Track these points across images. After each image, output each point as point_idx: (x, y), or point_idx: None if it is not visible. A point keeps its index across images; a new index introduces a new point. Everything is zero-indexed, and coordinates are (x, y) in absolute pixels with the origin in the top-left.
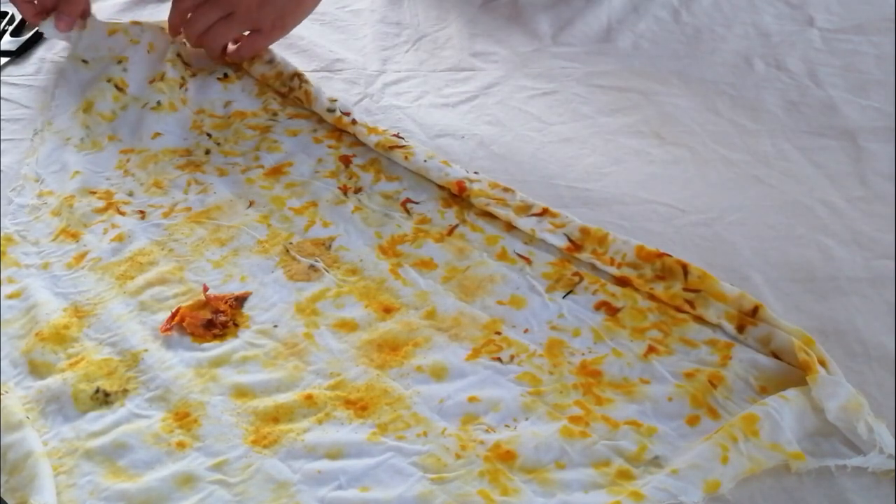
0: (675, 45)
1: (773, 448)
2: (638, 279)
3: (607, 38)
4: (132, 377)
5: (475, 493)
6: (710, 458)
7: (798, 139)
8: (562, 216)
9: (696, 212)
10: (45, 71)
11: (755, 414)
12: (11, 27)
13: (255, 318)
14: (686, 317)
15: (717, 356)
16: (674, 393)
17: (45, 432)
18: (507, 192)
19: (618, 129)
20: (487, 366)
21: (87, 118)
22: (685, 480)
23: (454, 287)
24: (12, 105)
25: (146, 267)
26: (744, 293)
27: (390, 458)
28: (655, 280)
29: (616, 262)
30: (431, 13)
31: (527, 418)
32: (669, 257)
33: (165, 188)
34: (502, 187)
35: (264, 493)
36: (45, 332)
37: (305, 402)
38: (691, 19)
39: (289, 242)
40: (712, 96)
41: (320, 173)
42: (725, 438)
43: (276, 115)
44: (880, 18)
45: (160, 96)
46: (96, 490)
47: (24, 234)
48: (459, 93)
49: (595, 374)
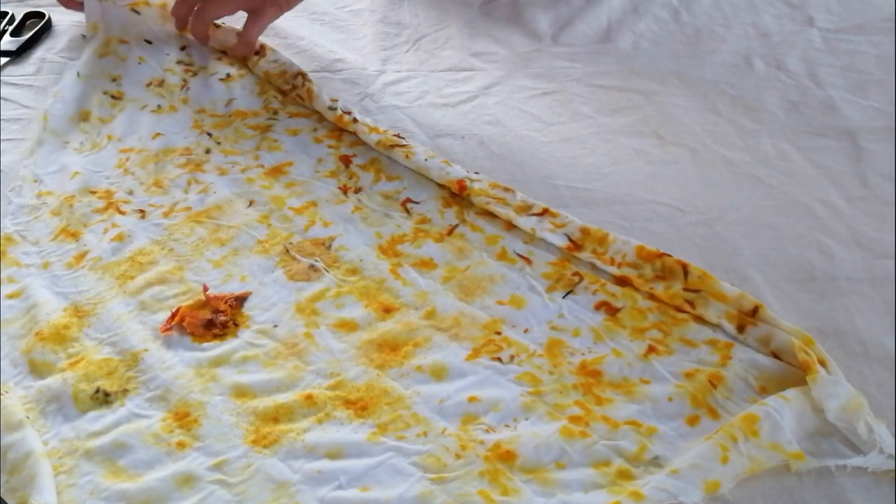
0: (675, 45)
1: (773, 448)
2: (638, 279)
3: (607, 38)
4: (132, 377)
5: (475, 493)
6: (710, 459)
7: (798, 139)
8: (562, 216)
9: (696, 212)
10: (45, 71)
11: (755, 414)
12: (11, 27)
13: (255, 317)
14: (686, 317)
15: (717, 356)
16: (674, 393)
17: (45, 432)
18: (508, 192)
19: (618, 129)
20: (487, 366)
21: (85, 125)
22: (685, 480)
23: (454, 287)
24: (12, 105)
25: (146, 266)
26: (743, 293)
27: (390, 458)
28: (655, 280)
29: (616, 261)
30: (431, 13)
31: (527, 418)
32: (669, 257)
33: (165, 187)
34: (503, 187)
35: (264, 492)
36: (45, 332)
37: (305, 402)
38: (691, 19)
39: (289, 242)
40: (712, 96)
41: (320, 173)
42: (725, 438)
43: (277, 115)
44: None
45: (160, 100)
46: (96, 490)
47: (24, 233)
48: (459, 93)
49: (595, 374)
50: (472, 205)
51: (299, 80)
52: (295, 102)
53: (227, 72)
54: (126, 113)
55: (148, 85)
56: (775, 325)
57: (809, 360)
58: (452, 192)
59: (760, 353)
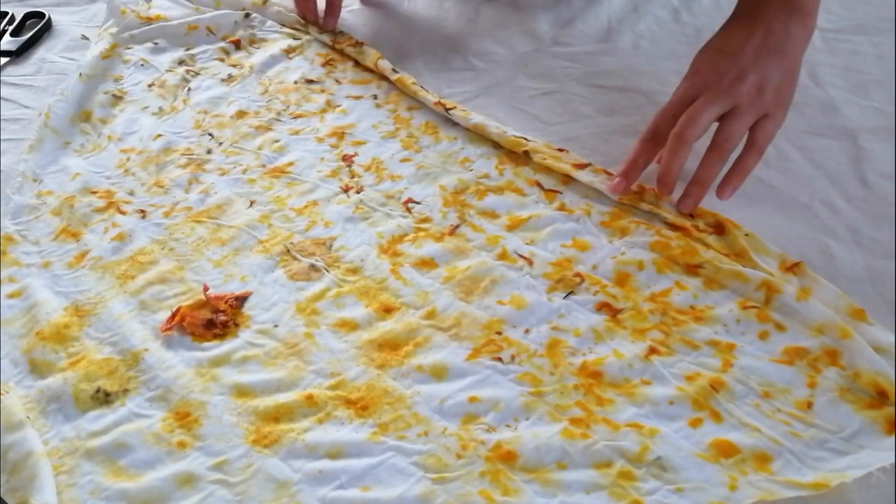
0: (675, 45)
1: (788, 483)
2: (692, 228)
3: (607, 38)
4: (133, 377)
5: (476, 493)
6: (718, 484)
7: (798, 139)
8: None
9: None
10: (45, 71)
11: (767, 454)
12: (11, 27)
13: (256, 317)
14: (687, 318)
15: (718, 358)
16: (675, 395)
17: (45, 432)
18: (563, 152)
19: (618, 129)
20: (488, 366)
21: (85, 126)
22: (688, 499)
23: (455, 287)
24: (12, 105)
25: (147, 266)
26: (784, 253)
27: (391, 457)
28: (709, 232)
29: (672, 212)
30: (431, 13)
31: (527, 418)
32: (722, 216)
33: (166, 187)
34: (556, 147)
35: (265, 492)
36: (45, 332)
37: (306, 401)
38: (691, 19)
39: (289, 242)
40: None
41: (322, 173)
42: (734, 470)
43: (279, 115)
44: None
45: (161, 101)
46: (97, 490)
47: (24, 233)
48: (459, 93)
49: (596, 375)
50: (472, 205)
51: (360, 46)
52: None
53: (229, 72)
54: (127, 113)
55: (150, 86)
56: (817, 280)
57: (857, 307)
58: (510, 152)
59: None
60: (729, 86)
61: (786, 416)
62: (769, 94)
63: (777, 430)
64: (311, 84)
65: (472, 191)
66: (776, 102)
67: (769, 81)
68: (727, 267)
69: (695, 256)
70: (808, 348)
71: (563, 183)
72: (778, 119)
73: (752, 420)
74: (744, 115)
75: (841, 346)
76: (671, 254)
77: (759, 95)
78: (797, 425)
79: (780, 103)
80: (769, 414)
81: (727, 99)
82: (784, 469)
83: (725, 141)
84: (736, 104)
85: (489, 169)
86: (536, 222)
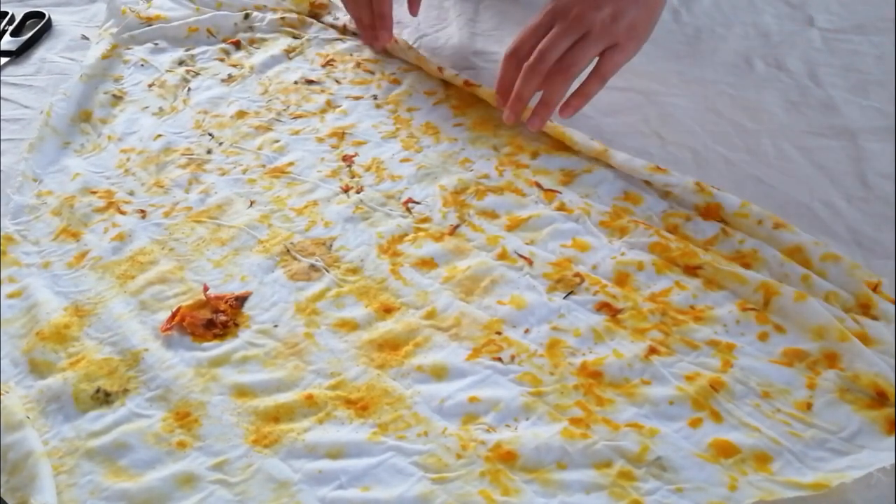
0: (675, 45)
1: (788, 483)
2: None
3: None
4: (133, 377)
5: (476, 493)
6: (718, 484)
7: (798, 139)
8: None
9: None
10: (46, 71)
11: (767, 454)
12: (11, 27)
13: (256, 317)
14: (686, 318)
15: (718, 358)
16: (675, 395)
17: (45, 432)
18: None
19: (618, 129)
20: (488, 366)
21: (86, 126)
22: (688, 499)
23: (455, 287)
24: (12, 105)
25: (146, 266)
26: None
27: (391, 457)
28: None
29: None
30: (431, 13)
31: (527, 418)
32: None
33: (166, 187)
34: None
35: (265, 492)
36: (45, 332)
37: (306, 401)
38: (691, 19)
39: (289, 242)
40: (712, 96)
41: (322, 173)
42: (734, 470)
43: (279, 115)
44: (880, 18)
45: (161, 101)
46: (97, 490)
47: (24, 233)
48: None
49: (596, 375)
50: (473, 205)
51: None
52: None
53: (229, 72)
54: (127, 113)
55: (150, 86)
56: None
57: (871, 280)
58: (510, 153)
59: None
60: (582, 13)
61: (786, 417)
62: (622, 25)
63: (777, 431)
64: (311, 84)
65: (472, 191)
66: (628, 35)
67: (625, 14)
68: (726, 268)
69: (694, 258)
70: (808, 351)
71: (562, 183)
72: (627, 51)
73: (752, 420)
74: (593, 43)
75: (840, 349)
76: (671, 255)
77: (612, 24)
78: (797, 425)
79: (632, 36)
80: (769, 414)
81: (580, 27)
82: (784, 469)
83: (571, 66)
84: (587, 31)
85: (489, 169)
86: (536, 222)
